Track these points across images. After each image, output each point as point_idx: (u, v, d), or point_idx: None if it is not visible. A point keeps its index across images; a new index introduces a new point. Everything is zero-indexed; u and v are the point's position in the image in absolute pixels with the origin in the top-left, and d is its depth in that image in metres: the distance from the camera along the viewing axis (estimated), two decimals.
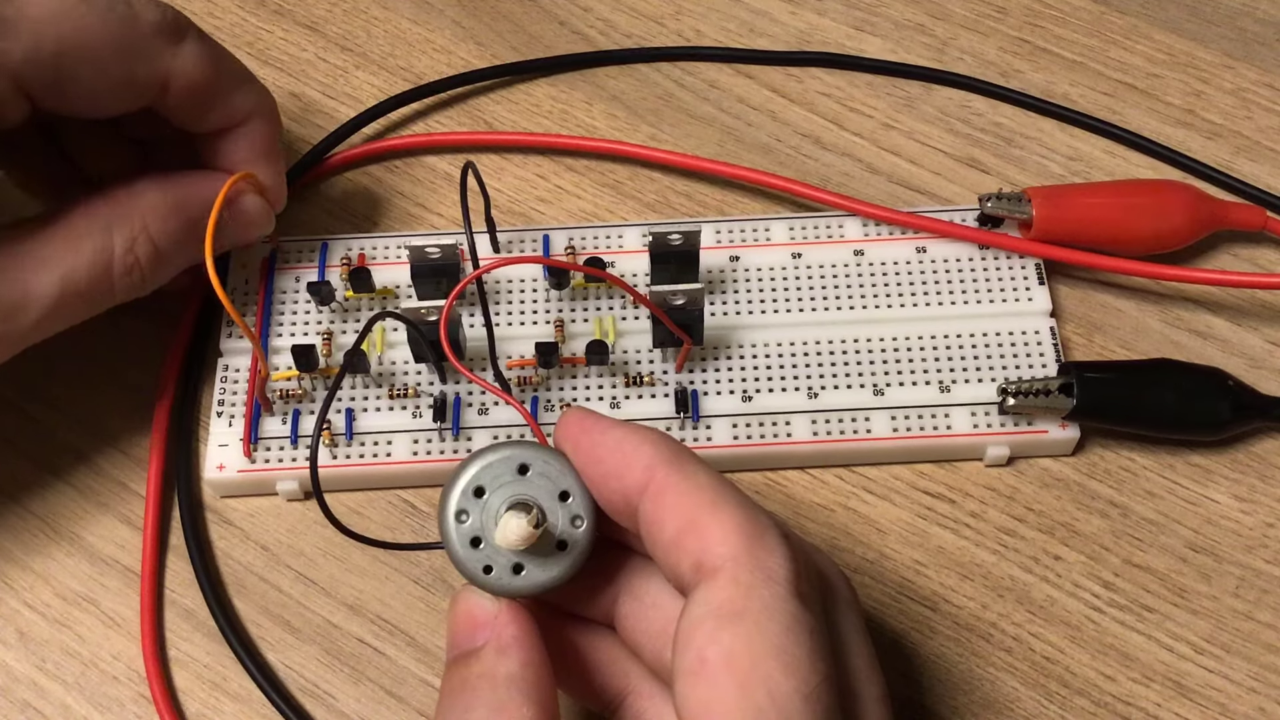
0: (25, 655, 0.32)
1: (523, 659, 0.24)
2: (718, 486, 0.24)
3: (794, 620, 0.22)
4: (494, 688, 0.24)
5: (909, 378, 0.34)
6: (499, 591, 0.25)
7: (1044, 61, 0.41)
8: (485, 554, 0.25)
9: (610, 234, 0.37)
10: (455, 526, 0.25)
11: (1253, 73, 0.40)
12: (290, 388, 0.34)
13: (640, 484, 0.24)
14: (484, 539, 0.25)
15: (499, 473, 0.25)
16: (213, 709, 0.31)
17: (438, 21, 0.42)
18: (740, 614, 0.22)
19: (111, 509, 0.34)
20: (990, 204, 0.35)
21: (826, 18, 0.42)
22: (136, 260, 0.31)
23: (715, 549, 0.23)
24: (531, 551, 0.25)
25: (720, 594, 0.22)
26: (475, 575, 0.25)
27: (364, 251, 0.36)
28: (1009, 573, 0.33)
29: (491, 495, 0.25)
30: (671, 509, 0.24)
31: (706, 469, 0.24)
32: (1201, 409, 0.33)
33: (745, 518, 0.23)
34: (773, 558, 0.23)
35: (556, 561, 0.25)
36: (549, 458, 0.25)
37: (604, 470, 0.25)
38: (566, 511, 0.25)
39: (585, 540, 0.25)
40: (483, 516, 0.25)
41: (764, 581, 0.22)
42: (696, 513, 0.23)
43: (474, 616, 0.25)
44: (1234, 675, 0.31)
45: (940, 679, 0.31)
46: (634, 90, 0.41)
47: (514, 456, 0.25)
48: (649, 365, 0.34)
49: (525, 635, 0.25)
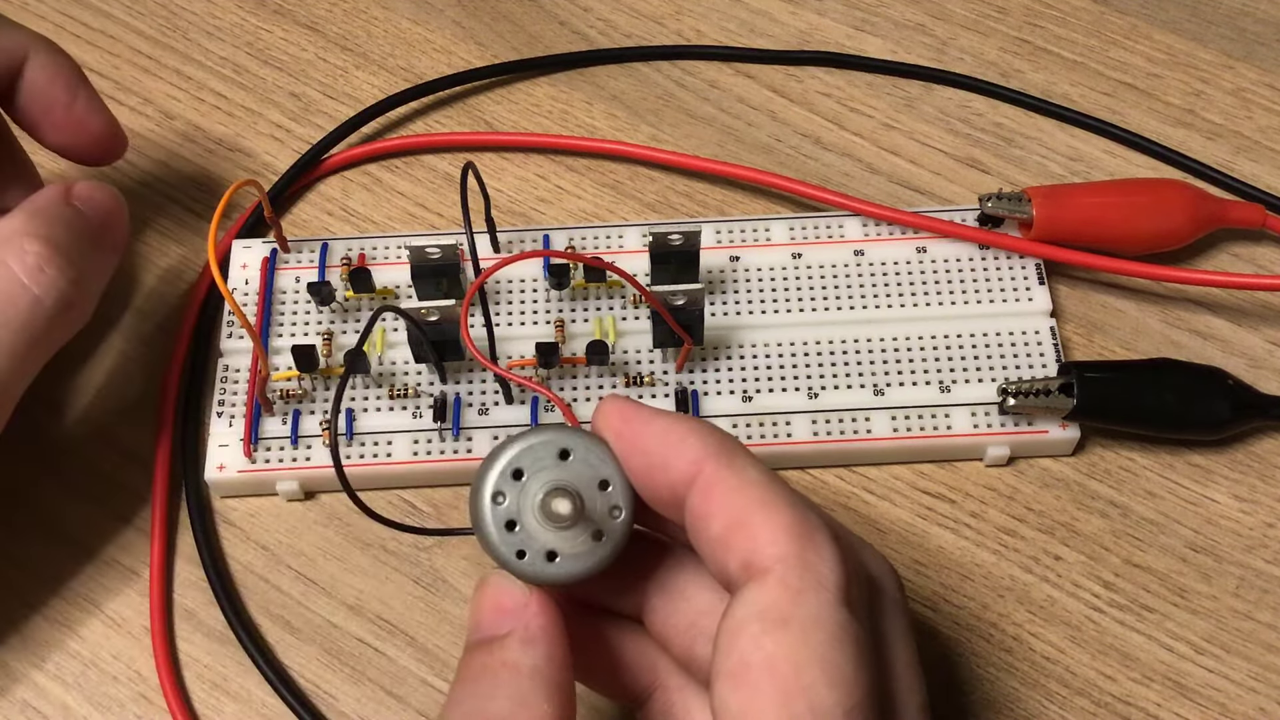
0: (25, 655, 0.32)
1: (548, 653, 0.24)
2: (768, 483, 0.23)
3: (841, 630, 0.22)
4: (517, 679, 0.23)
5: (909, 378, 0.34)
6: (531, 578, 0.24)
7: (1044, 61, 0.41)
8: (520, 538, 0.24)
9: (610, 234, 0.37)
10: (491, 508, 0.24)
11: (1253, 73, 0.40)
12: (290, 388, 0.34)
13: (687, 477, 0.23)
14: (519, 523, 0.24)
15: (540, 455, 0.25)
16: (213, 709, 0.31)
17: (438, 21, 0.42)
18: (787, 620, 0.22)
19: (112, 509, 0.34)
20: (990, 204, 0.35)
21: (826, 18, 0.42)
22: (38, 255, 0.30)
23: (765, 549, 0.22)
24: (567, 539, 0.24)
25: (767, 597, 0.22)
26: (508, 559, 0.24)
27: (364, 251, 0.36)
28: (1009, 573, 0.33)
29: (530, 479, 0.24)
30: (720, 504, 0.23)
31: (756, 463, 0.24)
32: (1201, 409, 0.33)
33: (796, 518, 0.23)
34: (823, 562, 0.22)
35: (592, 551, 0.24)
36: (591, 444, 0.25)
37: (649, 461, 0.24)
38: (605, 501, 0.24)
39: (622, 531, 0.24)
40: (520, 499, 0.24)
41: (813, 587, 0.22)
42: (746, 510, 0.23)
43: (501, 602, 0.24)
44: (1234, 675, 0.31)
45: (940, 679, 0.31)
46: (634, 90, 0.41)
47: (556, 440, 0.25)
48: (649, 365, 0.34)
49: (553, 629, 0.24)
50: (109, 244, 0.32)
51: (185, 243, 0.38)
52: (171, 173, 0.39)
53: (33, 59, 0.33)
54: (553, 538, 0.24)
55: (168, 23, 0.42)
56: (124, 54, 0.42)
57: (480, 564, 0.33)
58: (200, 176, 0.39)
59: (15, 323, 0.29)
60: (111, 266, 0.33)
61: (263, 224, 0.38)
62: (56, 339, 0.31)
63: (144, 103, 0.41)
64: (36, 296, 0.30)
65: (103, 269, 0.32)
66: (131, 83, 0.41)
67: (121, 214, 0.33)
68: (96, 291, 0.32)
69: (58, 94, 0.33)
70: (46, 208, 0.31)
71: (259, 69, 0.41)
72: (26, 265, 0.30)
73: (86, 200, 0.32)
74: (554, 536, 0.24)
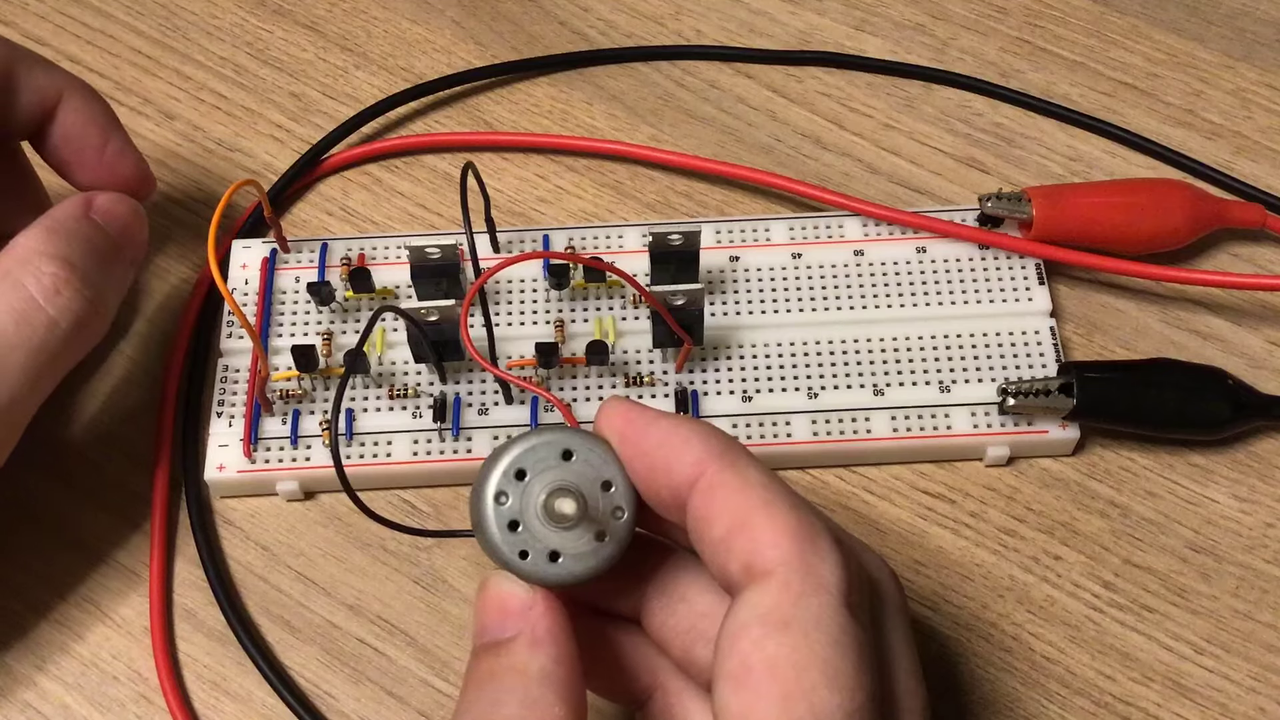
0: (25, 656, 0.32)
1: (556, 654, 0.24)
2: (770, 485, 0.23)
3: (842, 633, 0.22)
4: (526, 683, 0.23)
5: (909, 378, 0.34)
6: (533, 579, 0.24)
7: (1044, 61, 0.41)
8: (522, 539, 0.24)
9: (610, 234, 0.37)
10: (494, 508, 0.24)
11: (1253, 73, 0.40)
12: (290, 388, 0.34)
13: (689, 478, 0.23)
14: (522, 523, 0.24)
15: (543, 456, 0.25)
16: (213, 709, 0.31)
17: (438, 21, 0.42)
18: (788, 622, 0.22)
19: (112, 509, 0.34)
20: (990, 204, 0.35)
21: (826, 18, 0.42)
22: (54, 277, 0.30)
23: (766, 552, 0.22)
24: (570, 540, 0.24)
25: (769, 600, 0.22)
26: (510, 560, 0.24)
27: (364, 251, 0.36)
28: (1009, 573, 0.33)
29: (533, 479, 0.24)
30: (722, 506, 0.23)
31: (758, 465, 0.24)
32: (1201, 409, 0.33)
33: (798, 520, 0.23)
34: (824, 565, 0.22)
35: (595, 552, 0.24)
36: (594, 446, 0.25)
37: (651, 463, 0.24)
38: (608, 502, 0.25)
39: (624, 532, 0.25)
40: (523, 500, 0.24)
41: (814, 590, 0.22)
42: (748, 512, 0.23)
43: (506, 604, 0.24)
44: (1234, 675, 0.31)
45: (940, 679, 0.31)
46: (634, 90, 0.41)
47: (559, 441, 0.25)
48: (649, 365, 0.34)
49: (560, 629, 0.24)
50: (127, 258, 0.32)
51: (185, 243, 0.38)
52: (171, 173, 0.39)
53: (67, 101, 0.32)
54: (556, 538, 0.24)
55: (167, 23, 0.42)
56: (124, 54, 0.42)
57: (480, 564, 0.33)
58: (200, 176, 0.39)
59: (31, 344, 0.29)
60: (129, 281, 0.33)
61: (263, 224, 0.38)
62: (71, 358, 0.31)
63: (144, 103, 0.41)
64: (52, 318, 0.30)
65: (119, 285, 0.32)
66: (131, 83, 0.41)
67: (141, 228, 0.33)
68: (113, 308, 0.32)
69: (91, 138, 0.33)
70: (65, 223, 0.31)
71: (259, 69, 0.41)
72: (43, 287, 0.29)
73: (106, 214, 0.32)
74: (557, 537, 0.24)
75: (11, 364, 0.29)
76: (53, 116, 0.32)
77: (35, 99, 0.32)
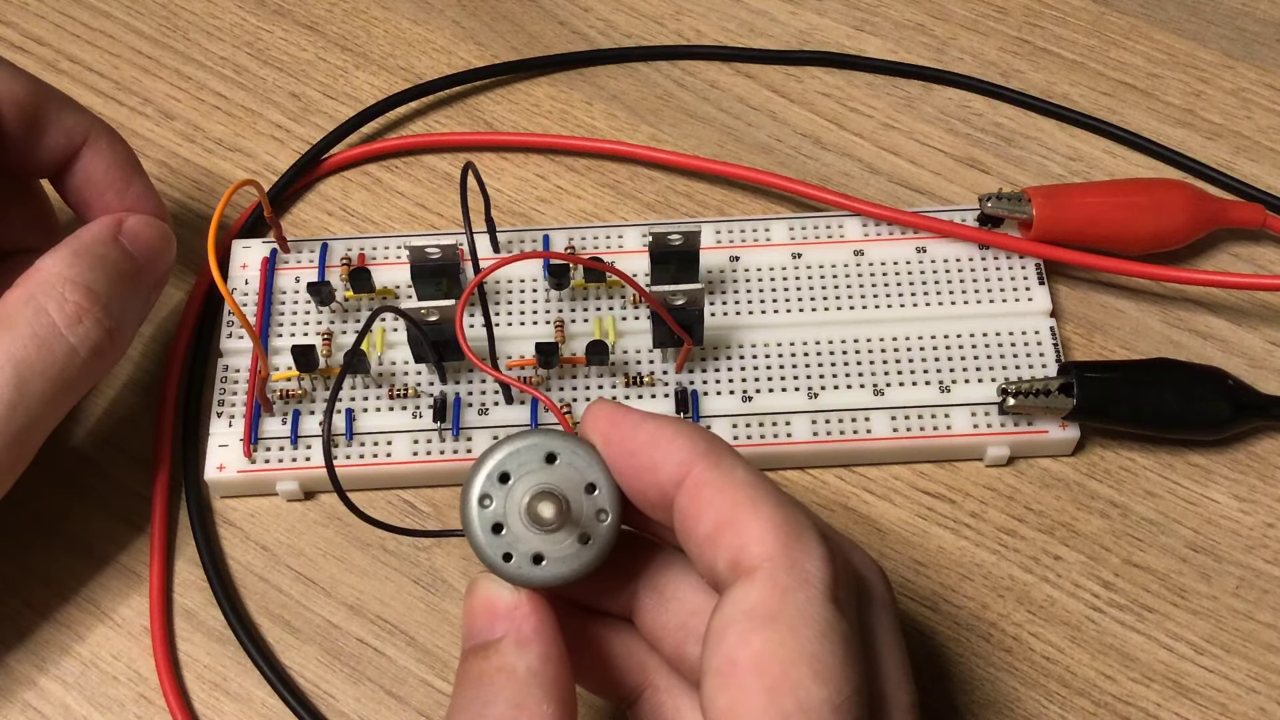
0: (26, 656, 0.32)
1: (543, 653, 0.24)
2: (756, 483, 0.23)
3: (828, 627, 0.22)
4: (514, 683, 0.24)
5: (909, 378, 0.34)
6: (518, 581, 0.25)
7: (1044, 61, 0.41)
8: (506, 541, 0.25)
9: (610, 234, 0.37)
10: (478, 511, 0.25)
11: (1253, 73, 0.40)
12: (290, 388, 0.34)
13: (676, 477, 0.24)
14: (506, 525, 0.25)
15: (526, 459, 0.25)
16: (213, 709, 0.31)
17: (438, 21, 0.42)
18: (774, 617, 0.22)
19: (112, 509, 0.34)
20: (990, 204, 0.35)
21: (826, 18, 0.42)
22: (77, 305, 0.30)
23: (752, 548, 0.22)
24: (553, 542, 0.24)
25: (755, 595, 0.22)
26: (495, 562, 0.25)
27: (364, 251, 0.36)
28: (1009, 573, 0.33)
29: (517, 482, 0.25)
30: (709, 505, 0.23)
31: (744, 464, 0.24)
32: (1201, 409, 0.33)
33: (784, 517, 0.23)
34: (810, 560, 0.22)
35: (578, 555, 0.25)
36: (577, 448, 0.25)
37: (638, 464, 0.24)
38: (592, 504, 0.25)
39: (608, 535, 0.25)
40: (506, 503, 0.25)
41: (800, 584, 0.22)
42: (734, 510, 0.23)
43: (493, 606, 0.25)
44: (1234, 675, 0.31)
45: (940, 679, 0.31)
46: (634, 90, 0.41)
47: (542, 444, 0.25)
48: (649, 365, 0.34)
49: (546, 629, 0.24)
50: (151, 283, 0.32)
51: (185, 242, 0.38)
52: (171, 172, 0.39)
53: (91, 144, 0.33)
54: (539, 541, 0.24)
55: (167, 23, 0.42)
56: (124, 54, 0.42)
57: (480, 565, 0.33)
58: (200, 176, 0.39)
59: (50, 371, 0.29)
60: (151, 306, 0.33)
61: (263, 224, 0.38)
62: (87, 385, 0.31)
63: (144, 103, 0.41)
64: (72, 346, 0.30)
65: (140, 312, 0.32)
66: (131, 83, 0.41)
67: (169, 253, 0.33)
68: (131, 335, 0.32)
69: (114, 181, 0.33)
70: (92, 247, 0.31)
71: (259, 69, 0.41)
72: (65, 315, 0.30)
73: (134, 238, 0.32)
74: (540, 539, 0.24)
75: (32, 390, 0.29)
76: (77, 157, 0.33)
77: (63, 140, 0.32)
